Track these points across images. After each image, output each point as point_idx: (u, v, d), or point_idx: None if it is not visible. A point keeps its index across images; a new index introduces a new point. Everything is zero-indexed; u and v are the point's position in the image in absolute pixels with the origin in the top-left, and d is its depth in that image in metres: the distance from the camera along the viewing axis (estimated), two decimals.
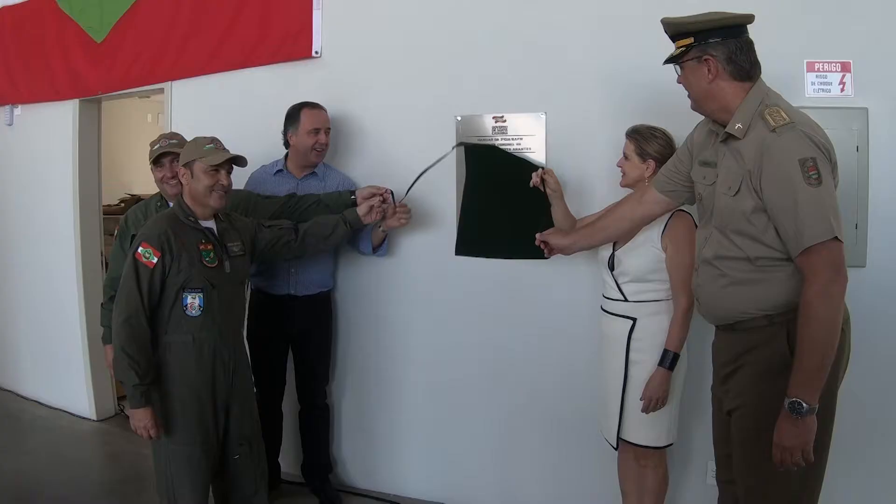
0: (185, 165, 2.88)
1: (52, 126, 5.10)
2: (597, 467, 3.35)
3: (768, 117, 2.09)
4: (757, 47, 2.24)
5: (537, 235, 2.87)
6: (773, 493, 2.20)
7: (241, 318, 3.08)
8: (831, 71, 3.04)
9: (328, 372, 3.90)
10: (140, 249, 2.73)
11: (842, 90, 3.03)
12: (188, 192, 2.89)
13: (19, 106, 5.41)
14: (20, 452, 4.42)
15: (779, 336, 2.13)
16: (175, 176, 3.28)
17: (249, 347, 3.66)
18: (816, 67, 3.03)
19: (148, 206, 3.52)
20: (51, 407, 5.25)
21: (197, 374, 2.82)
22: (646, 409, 2.79)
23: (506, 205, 3.20)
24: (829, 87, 3.03)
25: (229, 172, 2.94)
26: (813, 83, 3.03)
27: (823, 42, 3.02)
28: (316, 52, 3.89)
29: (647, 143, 2.84)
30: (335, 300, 3.93)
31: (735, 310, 2.25)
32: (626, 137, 2.90)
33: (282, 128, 3.63)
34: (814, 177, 2.01)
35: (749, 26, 2.24)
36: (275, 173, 3.67)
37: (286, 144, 3.64)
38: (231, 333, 2.95)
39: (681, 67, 2.30)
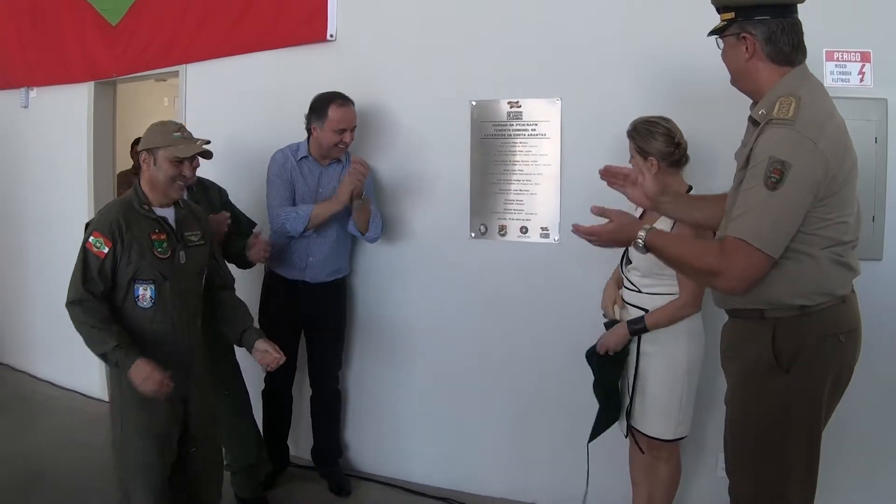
0: (148, 151, 2.72)
1: (67, 109, 5.12)
2: (606, 457, 3.34)
3: (777, 105, 2.00)
4: None
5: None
6: (754, 491, 2.16)
7: (197, 310, 2.90)
8: (851, 61, 3.01)
9: (341, 357, 3.90)
10: (91, 239, 2.63)
11: (861, 80, 3.00)
12: (147, 178, 2.74)
13: (34, 88, 5.43)
14: (30, 434, 4.44)
15: (766, 336, 2.08)
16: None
17: (261, 328, 3.66)
18: (836, 57, 3.00)
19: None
20: (64, 388, 5.28)
21: None
22: (601, 351, 2.92)
23: None
24: (847, 76, 3.00)
25: (193, 163, 2.83)
26: (832, 73, 3.00)
27: (843, 31, 2.99)
28: (331, 36, 3.88)
29: (645, 141, 2.80)
30: (351, 286, 3.94)
31: (726, 296, 2.22)
32: (627, 136, 2.87)
33: (299, 112, 3.56)
34: (773, 179, 1.92)
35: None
36: (300, 160, 3.58)
37: (308, 131, 3.56)
38: (186, 325, 2.80)
39: (722, 41, 2.22)
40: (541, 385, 3.55)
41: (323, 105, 3.45)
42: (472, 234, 3.64)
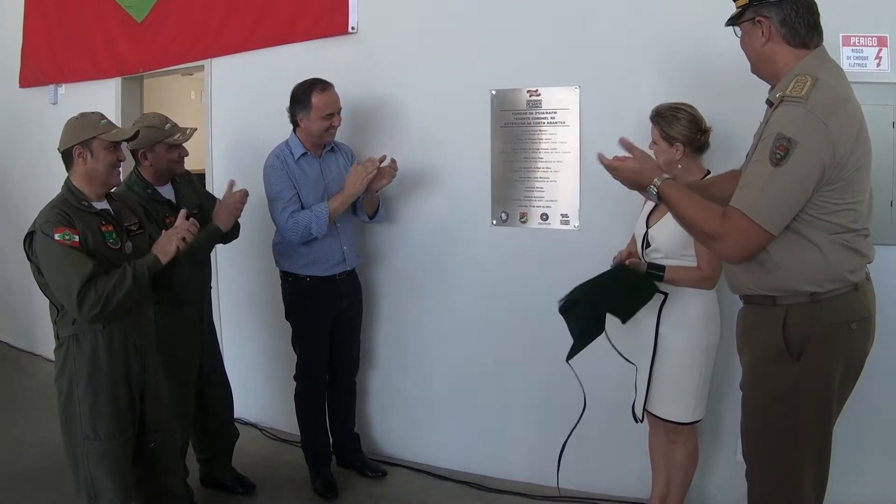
0: (81, 145, 2.61)
1: (95, 104, 5.01)
2: (629, 440, 3.37)
3: (792, 84, 2.01)
4: None
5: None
6: (767, 474, 2.19)
7: (148, 300, 2.84)
8: (867, 45, 3.00)
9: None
10: (57, 236, 2.48)
11: (878, 65, 3.00)
12: (83, 172, 2.64)
13: (63, 85, 5.53)
14: (51, 423, 4.47)
15: (777, 323, 2.10)
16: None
17: (300, 336, 3.68)
18: (852, 41, 3.00)
19: (130, 188, 3.30)
20: None
21: (109, 363, 2.62)
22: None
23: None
24: (864, 61, 3.00)
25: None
26: (849, 57, 2.99)
27: (860, 16, 2.98)
28: (352, 28, 3.93)
29: (671, 126, 2.81)
30: (374, 274, 4.02)
31: (739, 282, 2.24)
32: (651, 121, 2.88)
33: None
34: (778, 156, 1.94)
35: None
36: (298, 159, 3.52)
37: (295, 124, 3.54)
38: (140, 316, 2.76)
39: (739, 29, 2.22)
40: (562, 371, 3.56)
41: (305, 94, 3.44)
42: (494, 222, 3.68)
